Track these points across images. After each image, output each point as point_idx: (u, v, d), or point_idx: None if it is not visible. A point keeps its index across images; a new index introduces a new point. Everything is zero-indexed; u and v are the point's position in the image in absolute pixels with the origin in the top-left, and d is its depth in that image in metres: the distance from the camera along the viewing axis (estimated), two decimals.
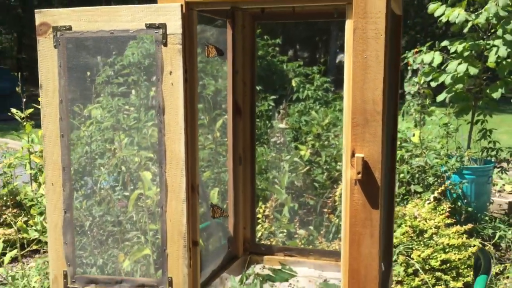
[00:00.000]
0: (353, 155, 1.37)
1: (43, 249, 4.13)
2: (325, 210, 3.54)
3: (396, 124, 1.86)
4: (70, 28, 1.49)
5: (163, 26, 1.45)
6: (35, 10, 1.53)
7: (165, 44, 1.46)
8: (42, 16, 1.52)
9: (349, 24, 1.34)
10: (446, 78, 4.85)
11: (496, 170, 5.19)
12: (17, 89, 4.82)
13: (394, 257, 3.55)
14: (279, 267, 2.06)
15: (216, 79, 3.83)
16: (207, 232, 2.12)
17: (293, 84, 4.85)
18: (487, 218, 4.61)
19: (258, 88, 5.14)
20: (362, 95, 1.35)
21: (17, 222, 4.09)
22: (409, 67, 5.32)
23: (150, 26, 1.46)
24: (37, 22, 1.53)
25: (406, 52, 5.50)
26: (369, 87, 1.34)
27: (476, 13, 4.83)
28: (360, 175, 1.35)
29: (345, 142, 1.40)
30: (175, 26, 1.45)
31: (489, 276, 1.58)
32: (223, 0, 1.44)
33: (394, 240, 3.68)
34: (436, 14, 4.94)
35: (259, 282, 1.88)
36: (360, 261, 1.40)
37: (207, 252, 2.08)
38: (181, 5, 1.45)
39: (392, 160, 1.86)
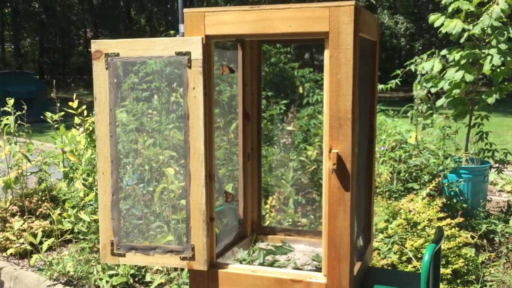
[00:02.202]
0: (330, 150, 1.81)
1: (76, 239, 4.59)
2: None
3: (373, 130, 2.28)
4: (118, 54, 1.97)
5: (188, 53, 1.91)
6: (91, 41, 2.00)
7: (190, 67, 1.92)
8: (96, 45, 1.99)
9: (326, 53, 1.79)
10: (445, 85, 5.23)
11: (493, 170, 5.52)
12: (52, 94, 5.32)
13: (389, 246, 3.96)
14: (280, 244, 2.51)
15: (231, 85, 4.24)
16: (222, 215, 2.57)
17: (300, 91, 5.28)
18: (482, 214, 4.92)
19: (270, 93, 5.58)
20: (336, 106, 1.80)
21: (53, 214, 4.55)
22: (417, 72, 5.69)
23: (178, 53, 1.92)
24: (92, 50, 2.00)
25: (415, 57, 5.87)
26: (341, 100, 1.78)
27: (473, 23, 5.20)
28: (335, 166, 1.80)
29: (325, 141, 1.84)
30: (197, 53, 1.91)
31: (438, 245, 2.00)
32: (231, 34, 1.91)
33: (390, 231, 4.08)
34: (436, 24, 5.29)
35: (263, 255, 2.32)
36: (336, 231, 1.84)
37: (222, 230, 2.53)
38: (202, 38, 1.91)
39: (370, 158, 2.29)
